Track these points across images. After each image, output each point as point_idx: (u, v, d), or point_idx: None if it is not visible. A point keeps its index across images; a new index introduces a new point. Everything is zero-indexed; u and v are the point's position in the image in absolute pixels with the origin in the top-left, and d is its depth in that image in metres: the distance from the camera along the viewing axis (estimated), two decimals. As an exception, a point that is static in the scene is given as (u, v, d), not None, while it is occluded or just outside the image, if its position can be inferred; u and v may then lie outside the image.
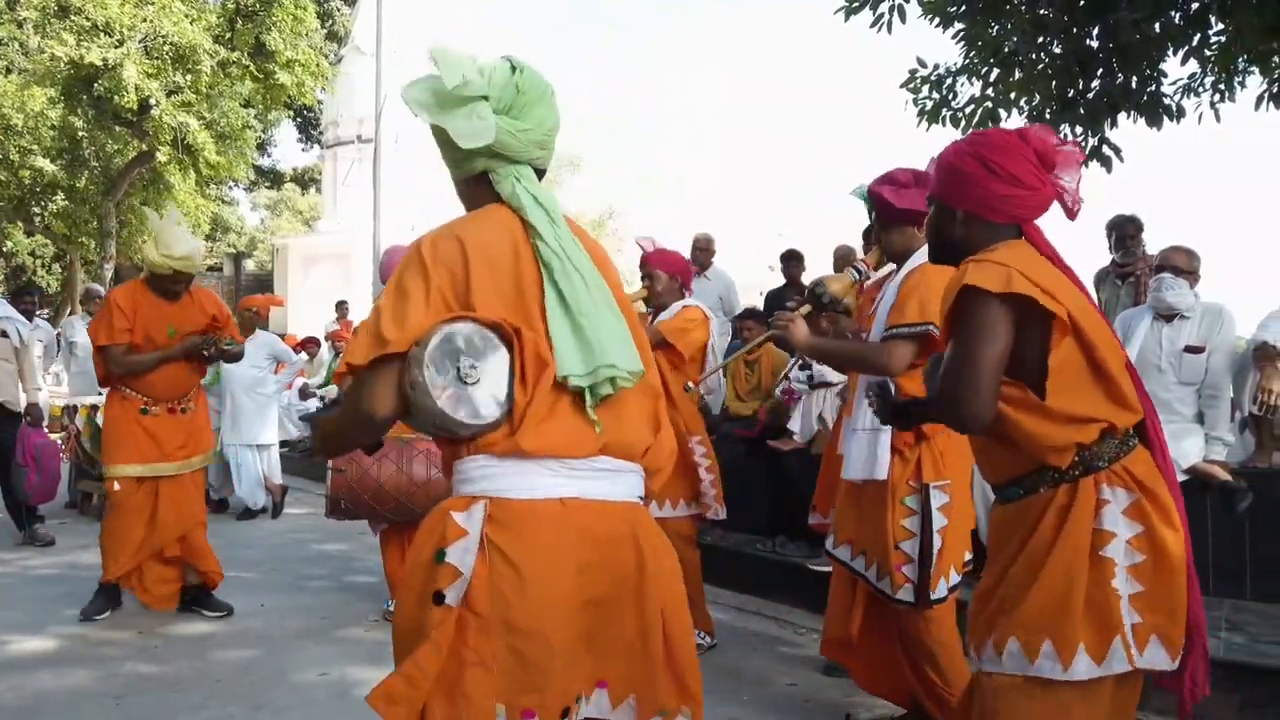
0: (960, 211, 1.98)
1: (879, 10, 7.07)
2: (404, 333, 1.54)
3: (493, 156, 1.68)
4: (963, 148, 1.99)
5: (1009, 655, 1.87)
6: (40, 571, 5.60)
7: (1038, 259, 1.91)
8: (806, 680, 3.83)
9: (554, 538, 1.55)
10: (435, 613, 1.52)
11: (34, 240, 22.24)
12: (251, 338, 7.72)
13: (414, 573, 1.60)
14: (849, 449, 3.12)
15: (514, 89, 1.66)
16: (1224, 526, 4.23)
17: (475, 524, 1.54)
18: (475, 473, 1.59)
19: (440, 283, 1.58)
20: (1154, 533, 1.82)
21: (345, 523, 5.49)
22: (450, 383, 1.54)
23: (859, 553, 3.12)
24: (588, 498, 1.59)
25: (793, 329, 3.03)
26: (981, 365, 1.79)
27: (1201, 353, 4.12)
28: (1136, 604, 1.80)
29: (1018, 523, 1.94)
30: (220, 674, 3.81)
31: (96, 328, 4.46)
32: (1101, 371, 1.85)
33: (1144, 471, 1.87)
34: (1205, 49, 6.63)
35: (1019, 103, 7.15)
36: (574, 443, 1.59)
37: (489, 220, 1.67)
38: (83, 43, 14.40)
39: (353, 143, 21.95)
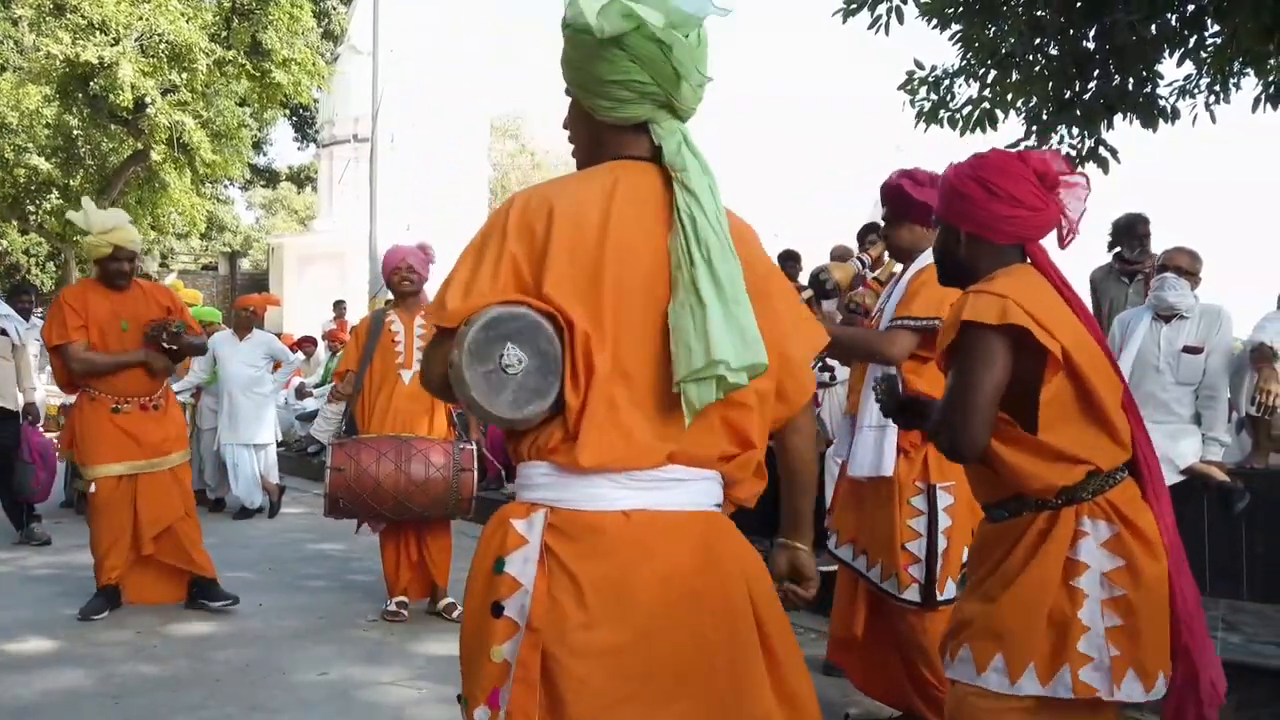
0: (963, 232, 2.00)
1: (877, 12, 7.09)
2: (465, 305, 1.45)
3: (662, 105, 1.52)
4: (963, 170, 2.01)
5: (960, 662, 1.92)
6: (37, 571, 5.59)
7: (1038, 286, 1.92)
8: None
9: (617, 552, 1.44)
10: (494, 626, 1.44)
11: (28, 239, 22.17)
12: (248, 337, 7.73)
13: (475, 581, 1.52)
14: (854, 446, 3.11)
15: (697, 38, 1.50)
16: (1221, 527, 4.25)
17: (535, 532, 1.45)
18: (536, 479, 1.49)
19: (516, 253, 1.47)
20: (1135, 566, 1.83)
21: (342, 523, 5.49)
22: (490, 371, 1.44)
23: (861, 552, 3.12)
24: (655, 509, 1.46)
25: None
26: (979, 394, 1.81)
27: (1199, 353, 4.14)
28: (1114, 637, 1.82)
29: (998, 541, 1.97)
30: (219, 674, 3.81)
31: (49, 329, 4.43)
32: (1095, 408, 1.86)
33: (1127, 504, 1.88)
34: (1201, 51, 6.66)
35: (1016, 104, 7.18)
36: (635, 454, 1.45)
37: (594, 183, 1.52)
38: (78, 41, 14.36)
39: (349, 142, 21.88)
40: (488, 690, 1.42)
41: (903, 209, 3.13)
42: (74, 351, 4.39)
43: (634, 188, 1.51)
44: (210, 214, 22.60)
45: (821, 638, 4.42)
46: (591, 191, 1.50)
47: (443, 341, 1.50)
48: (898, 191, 3.12)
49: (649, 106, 1.52)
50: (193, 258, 30.70)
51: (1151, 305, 4.30)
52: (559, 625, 1.40)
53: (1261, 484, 4.20)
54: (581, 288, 1.45)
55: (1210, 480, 4.08)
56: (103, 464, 4.42)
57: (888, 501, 3.02)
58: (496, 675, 1.42)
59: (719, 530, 1.53)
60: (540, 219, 1.47)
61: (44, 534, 6.37)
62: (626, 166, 1.54)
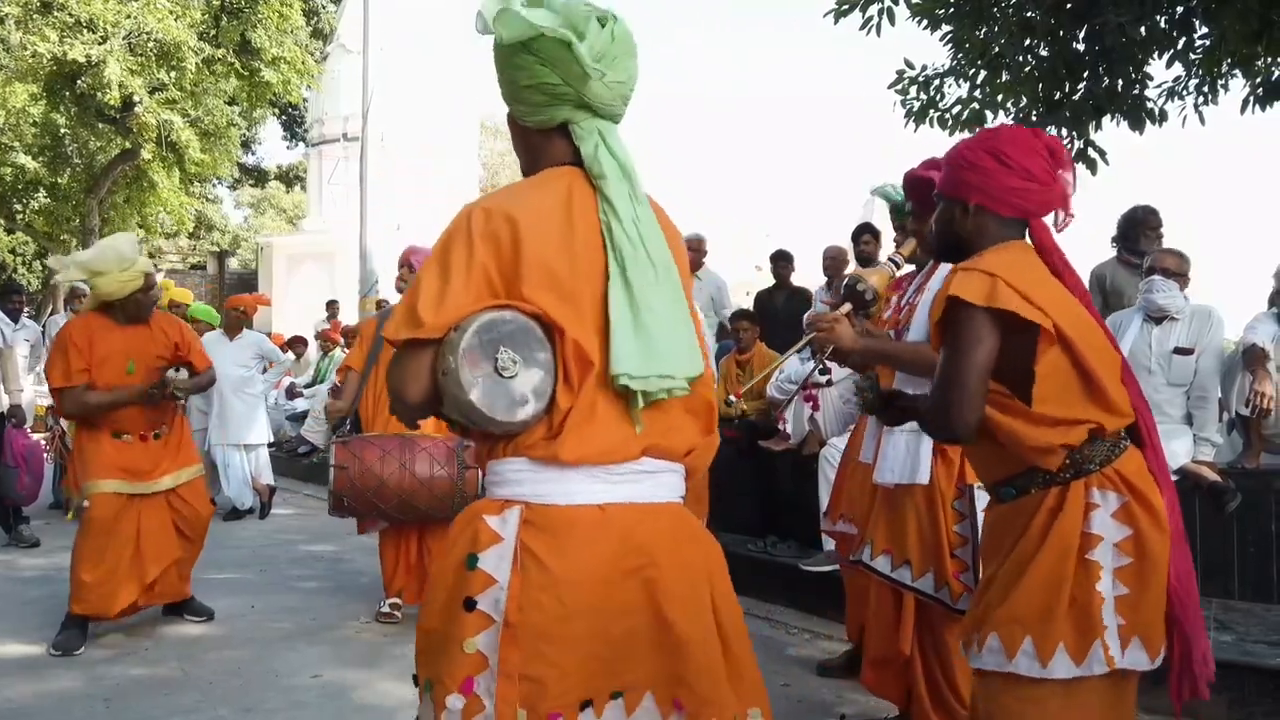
0: (971, 204, 1.99)
1: (868, 13, 7.10)
2: (440, 317, 1.45)
3: (579, 106, 1.55)
4: (974, 143, 2.01)
5: (989, 651, 1.90)
6: (26, 574, 5.55)
7: (1030, 263, 1.93)
8: (800, 682, 3.83)
9: (593, 545, 1.49)
10: (466, 619, 1.47)
11: (15, 238, 22.03)
12: (239, 337, 7.70)
13: (443, 575, 1.54)
14: (885, 451, 2.99)
15: (609, 36, 1.54)
16: (1212, 527, 4.27)
17: (510, 529, 1.48)
18: (511, 475, 1.52)
19: (485, 262, 1.48)
20: (1141, 536, 1.84)
21: (333, 524, 5.47)
22: (486, 375, 1.45)
23: (902, 562, 2.96)
24: (628, 501, 1.52)
25: (839, 330, 2.71)
26: (967, 374, 1.81)
27: (1190, 354, 4.15)
28: (1121, 606, 1.83)
29: (1010, 523, 1.96)
30: (211, 676, 3.78)
31: (52, 368, 4.16)
32: (1090, 379, 1.86)
33: (1135, 473, 1.88)
34: (1190, 53, 6.69)
35: (1005, 104, 7.20)
36: (614, 448, 1.50)
37: (547, 190, 1.55)
38: (65, 39, 14.26)
39: (338, 141, 21.78)
40: (460, 679, 1.46)
41: (931, 203, 2.98)
42: (73, 396, 4.14)
43: (584, 195, 1.55)
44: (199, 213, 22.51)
45: (816, 638, 4.44)
46: (550, 200, 1.53)
47: (416, 355, 1.48)
48: (925, 184, 2.94)
49: (566, 108, 1.55)
50: (181, 257, 30.54)
51: (1142, 307, 4.32)
52: (537, 619, 1.44)
53: (1252, 484, 4.23)
54: (562, 288, 1.48)
55: (1202, 480, 4.10)
56: (99, 479, 4.16)
57: (931, 507, 2.90)
58: (470, 665, 1.46)
59: (684, 522, 1.60)
60: (504, 228, 1.48)
61: (32, 536, 6.33)
62: (575, 173, 1.57)
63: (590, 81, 1.52)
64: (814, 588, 4.74)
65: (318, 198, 22.91)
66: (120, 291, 4.12)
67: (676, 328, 1.52)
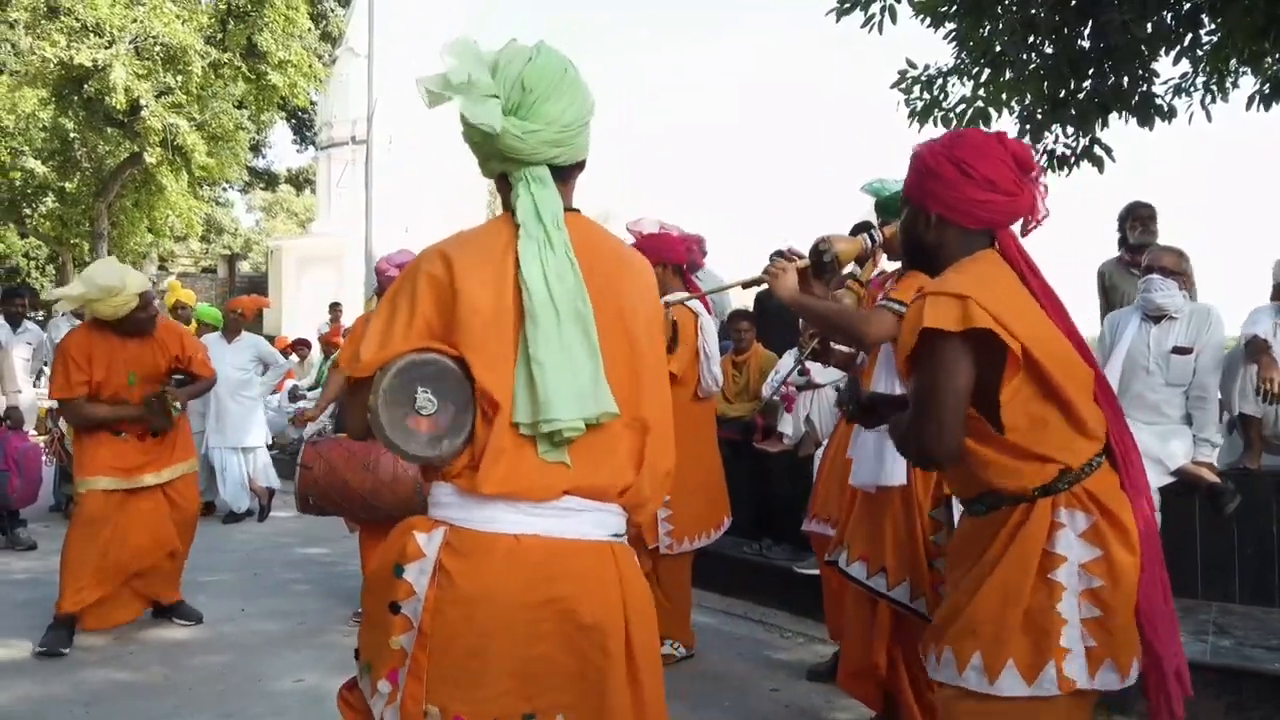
0: (933, 215, 1.91)
1: (870, 11, 7.04)
2: (378, 355, 1.58)
3: (505, 160, 1.64)
4: (938, 149, 1.91)
5: (944, 664, 1.85)
6: (18, 576, 5.54)
7: (999, 276, 1.84)
8: (789, 686, 3.77)
9: (504, 571, 1.56)
10: (393, 619, 1.60)
11: (28, 242, 22.17)
12: (237, 340, 7.68)
13: (377, 576, 1.66)
14: (856, 453, 2.95)
15: (520, 87, 1.59)
16: (1212, 528, 4.19)
17: (433, 547, 1.59)
18: (442, 499, 1.62)
19: (427, 304, 1.58)
20: (1111, 556, 1.77)
21: (330, 526, 5.45)
22: (403, 414, 1.56)
23: (879, 569, 2.90)
24: (548, 535, 1.59)
25: (782, 279, 2.68)
26: (946, 402, 1.74)
27: (1189, 354, 4.06)
28: (1091, 628, 1.76)
29: (976, 537, 1.91)
30: (193, 681, 3.75)
31: (53, 381, 4.20)
32: (1060, 402, 1.79)
33: (1105, 492, 1.81)
34: (1196, 49, 6.61)
35: (1010, 103, 7.13)
36: (535, 485, 1.57)
37: (489, 233, 1.64)
38: (73, 43, 14.33)
39: (347, 144, 21.84)
40: (388, 668, 1.60)
41: None
42: (73, 408, 4.20)
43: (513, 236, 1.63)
44: (209, 217, 22.61)
45: (810, 641, 4.38)
46: (489, 243, 1.63)
47: (359, 390, 1.61)
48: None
49: (494, 161, 1.66)
50: (193, 261, 30.70)
51: (1140, 306, 4.23)
52: (445, 632, 1.55)
53: (1252, 485, 4.14)
54: (478, 335, 1.56)
55: (1201, 482, 4.01)
56: (94, 476, 4.20)
57: (908, 516, 2.85)
58: (395, 659, 1.59)
59: (607, 560, 1.64)
60: (442, 270, 1.59)
61: (29, 539, 6.31)
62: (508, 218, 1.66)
63: (495, 137, 1.59)
64: (808, 591, 4.67)
65: (327, 201, 22.98)
66: (116, 314, 4.14)
67: (573, 373, 1.56)
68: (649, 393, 1.69)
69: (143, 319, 4.23)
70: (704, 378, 3.86)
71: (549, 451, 1.57)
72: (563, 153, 1.65)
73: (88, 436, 4.29)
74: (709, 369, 3.87)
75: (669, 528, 3.83)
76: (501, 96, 1.59)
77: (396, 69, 16.30)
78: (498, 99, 1.59)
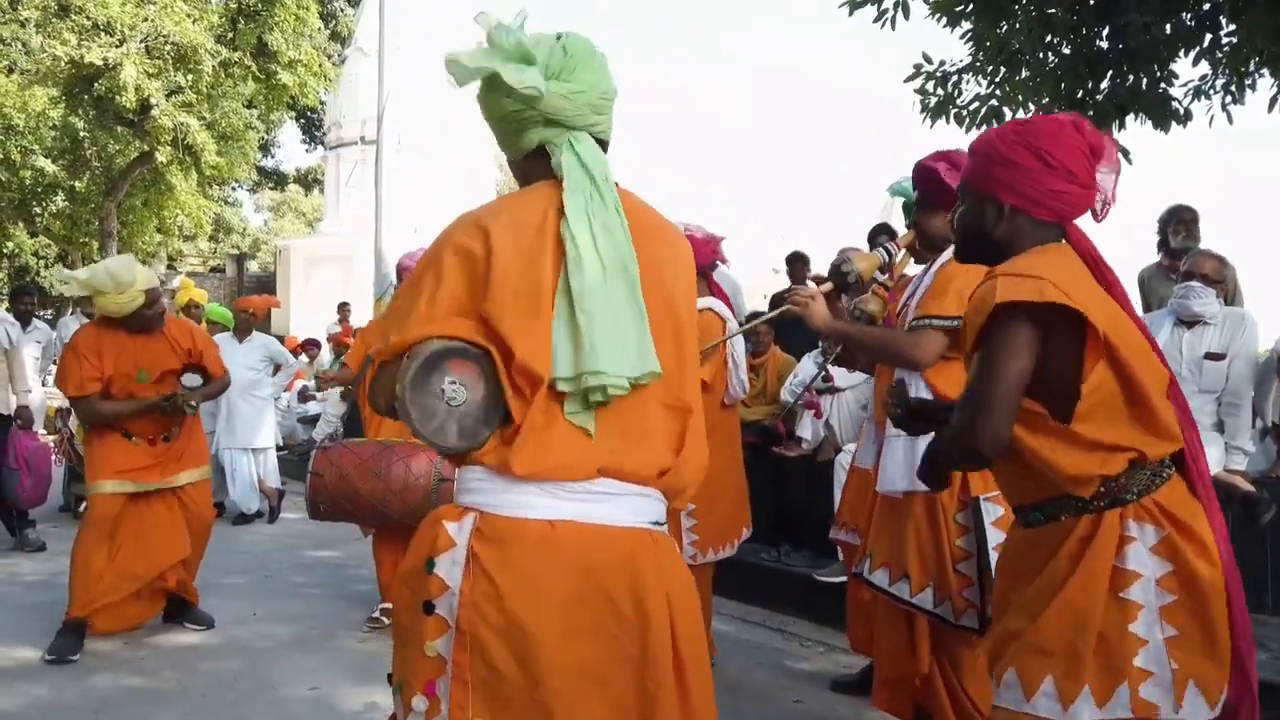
0: (1007, 206, 1.81)
1: (883, 5, 6.96)
2: (403, 337, 1.52)
3: (548, 124, 1.58)
4: (1011, 137, 1.81)
5: (1006, 687, 1.74)
6: (28, 578, 5.48)
7: (1075, 267, 1.75)
8: (813, 697, 3.69)
9: (538, 560, 1.47)
10: (427, 622, 1.50)
11: (37, 241, 22.17)
12: (248, 340, 7.63)
13: (407, 577, 1.58)
14: (885, 458, 2.85)
15: (561, 51, 1.59)
16: (1245, 539, 4.09)
17: (464, 536, 1.50)
18: (471, 484, 1.55)
19: (454, 284, 1.52)
20: (1187, 570, 1.66)
21: (341, 529, 5.39)
22: (430, 401, 1.49)
23: (900, 576, 2.81)
24: (583, 521, 1.50)
25: (813, 307, 2.73)
26: (1003, 386, 1.64)
27: (1223, 360, 3.97)
28: (1174, 649, 1.65)
29: (1034, 549, 1.79)
30: (204, 687, 3.69)
31: (63, 378, 4.13)
32: (1137, 396, 1.69)
33: (1177, 504, 1.71)
34: (1217, 50, 6.51)
35: (1026, 103, 7.05)
36: (567, 464, 1.49)
37: (525, 200, 1.59)
38: (84, 42, 14.31)
39: (356, 144, 21.78)
40: (424, 681, 1.49)
41: (936, 195, 2.85)
42: (86, 406, 4.13)
43: (559, 204, 1.56)
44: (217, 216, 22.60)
45: (830, 650, 4.30)
46: (526, 210, 1.56)
47: (386, 371, 1.56)
48: (932, 176, 2.84)
49: (537, 129, 1.59)
50: (200, 260, 30.71)
51: (1174, 311, 4.13)
52: (483, 631, 1.46)
53: (1286, 494, 4.05)
54: (517, 306, 1.50)
55: (1234, 490, 3.92)
56: (103, 479, 4.13)
57: (932, 520, 2.75)
58: (432, 668, 1.49)
59: (647, 547, 1.56)
60: (477, 246, 1.52)
61: (38, 540, 6.26)
62: (555, 184, 1.58)
63: (543, 97, 1.54)
64: (828, 599, 4.59)
65: (335, 200, 22.93)
66: (122, 310, 4.07)
67: (618, 324, 1.50)
68: (691, 375, 1.63)
69: (149, 317, 4.16)
70: (731, 384, 3.78)
71: (577, 414, 1.49)
72: (601, 121, 1.63)
73: (98, 440, 4.22)
74: (736, 375, 3.79)
75: (694, 538, 3.73)
76: (539, 63, 1.55)
77: (406, 69, 16.28)
78: (535, 65, 1.55)
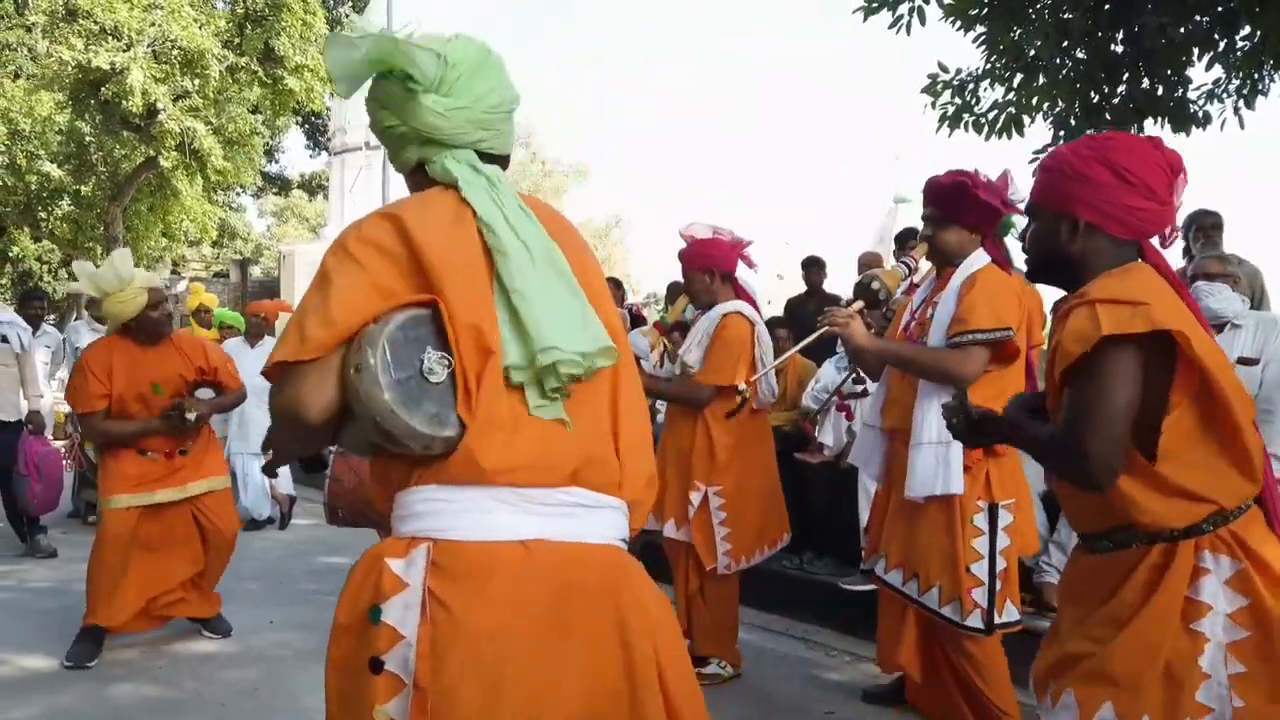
0: (1083, 222, 1.76)
1: (898, 11, 6.93)
2: (332, 330, 1.30)
3: (425, 143, 1.46)
4: (1085, 152, 1.77)
5: (1062, 708, 1.71)
6: (40, 584, 5.43)
7: (1165, 290, 1.71)
8: (845, 708, 3.62)
9: (513, 588, 1.28)
10: (375, 682, 1.26)
11: (41, 246, 22.14)
12: (260, 344, 7.58)
13: (343, 631, 1.33)
14: (913, 466, 2.88)
15: (441, 62, 1.44)
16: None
17: (417, 574, 1.28)
18: (419, 507, 1.32)
19: (378, 271, 1.34)
20: (1260, 606, 1.62)
21: (353, 534, 5.32)
22: (409, 377, 1.27)
23: (911, 576, 2.90)
24: (557, 539, 1.32)
25: (853, 329, 2.83)
26: (1116, 414, 1.60)
27: (1256, 365, 3.92)
28: (1239, 686, 1.61)
29: (1103, 574, 1.75)
30: (224, 697, 3.63)
31: (73, 394, 4.08)
32: (1227, 432, 1.64)
33: (1254, 536, 1.67)
34: (1231, 54, 6.48)
35: (1042, 108, 7.02)
36: (541, 465, 1.32)
37: (428, 197, 1.46)
38: (90, 47, 14.28)
39: (360, 149, 21.76)
40: None
41: (956, 209, 2.92)
42: (93, 423, 4.06)
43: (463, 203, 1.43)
44: (222, 221, 22.55)
45: (857, 660, 4.24)
46: (437, 206, 1.43)
47: (312, 370, 1.31)
48: (957, 190, 2.89)
49: (413, 147, 1.48)
50: (204, 265, 30.67)
51: (1197, 318, 4.07)
52: (449, 684, 1.23)
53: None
54: (455, 280, 1.35)
55: (1267, 498, 3.86)
56: (116, 494, 4.05)
57: (949, 522, 2.82)
58: None
59: (625, 571, 1.41)
60: (390, 233, 1.37)
61: (49, 546, 6.21)
62: (450, 189, 1.46)
63: (423, 113, 1.43)
64: (852, 607, 4.54)
65: (339, 206, 22.89)
66: (127, 311, 4.00)
67: (557, 304, 1.37)
68: (628, 385, 1.48)
69: (155, 320, 4.10)
70: (760, 388, 3.73)
71: (543, 407, 1.33)
72: (488, 137, 1.49)
73: (111, 456, 4.14)
74: (766, 380, 3.75)
75: (728, 547, 3.69)
76: (416, 75, 1.42)
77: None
78: (417, 82, 1.43)
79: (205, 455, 4.35)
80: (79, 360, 4.15)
